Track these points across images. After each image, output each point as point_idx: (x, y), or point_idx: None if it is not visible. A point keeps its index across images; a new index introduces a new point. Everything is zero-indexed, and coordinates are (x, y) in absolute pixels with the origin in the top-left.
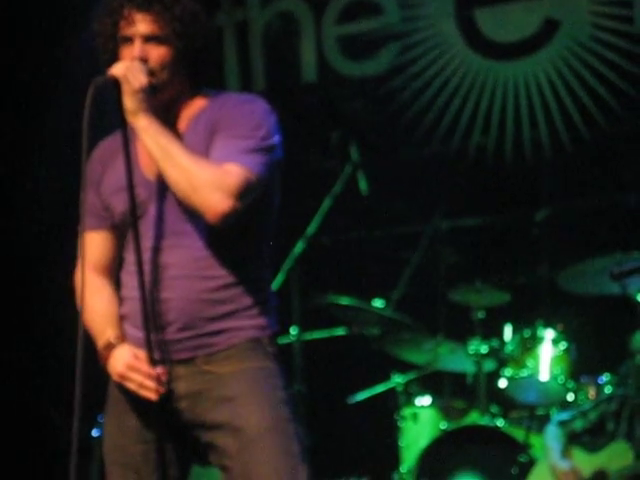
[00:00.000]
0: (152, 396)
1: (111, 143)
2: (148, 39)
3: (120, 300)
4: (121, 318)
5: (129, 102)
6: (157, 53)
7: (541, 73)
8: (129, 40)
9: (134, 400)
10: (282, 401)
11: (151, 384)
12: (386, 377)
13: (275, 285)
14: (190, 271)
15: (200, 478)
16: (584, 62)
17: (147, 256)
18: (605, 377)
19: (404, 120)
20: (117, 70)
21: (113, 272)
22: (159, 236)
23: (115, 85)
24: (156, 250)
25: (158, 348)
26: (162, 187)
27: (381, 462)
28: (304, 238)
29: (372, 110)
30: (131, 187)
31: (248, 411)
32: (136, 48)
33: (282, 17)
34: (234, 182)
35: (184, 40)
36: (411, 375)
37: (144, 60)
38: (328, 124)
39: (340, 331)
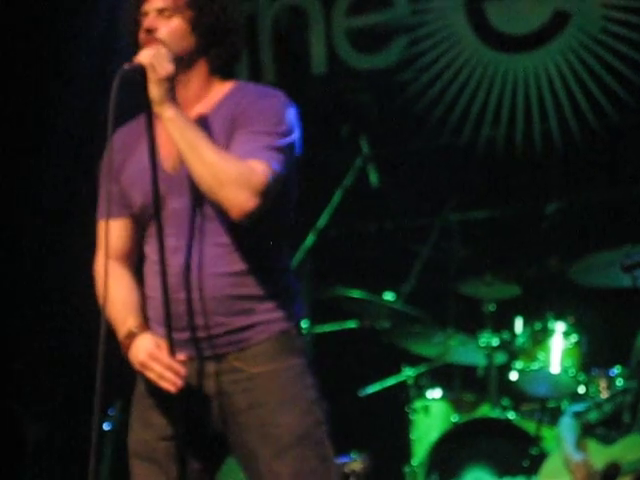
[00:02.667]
0: (171, 388)
1: (132, 131)
2: (162, 11)
3: (144, 298)
4: (146, 317)
5: (155, 91)
6: (168, 24)
7: (551, 65)
8: (146, 15)
9: (159, 396)
10: (312, 403)
11: (171, 376)
12: (397, 370)
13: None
14: (215, 269)
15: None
16: (594, 54)
17: (169, 255)
18: (616, 369)
19: (414, 113)
20: (143, 58)
21: (133, 260)
22: (180, 234)
23: (141, 73)
24: (178, 249)
25: (190, 347)
26: (181, 181)
27: (392, 455)
28: (315, 231)
29: (382, 103)
30: (155, 184)
31: (280, 418)
32: (148, 20)
33: (291, 10)
34: (260, 180)
35: (195, 11)
36: (422, 368)
37: (153, 29)
38: (338, 117)
39: (351, 324)
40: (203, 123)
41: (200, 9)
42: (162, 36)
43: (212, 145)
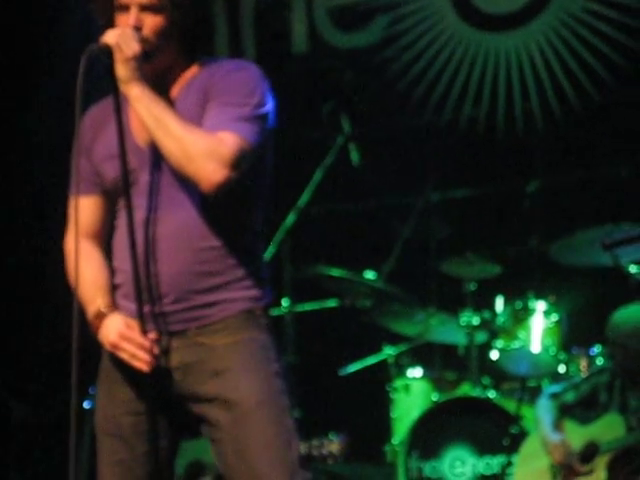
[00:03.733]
0: (144, 367)
1: (102, 109)
2: (144, 8)
3: (112, 271)
4: (114, 289)
5: (122, 70)
6: (152, 22)
7: (533, 45)
8: (126, 8)
9: (126, 371)
10: (274, 374)
11: (143, 355)
12: (378, 349)
13: (266, 257)
14: (183, 243)
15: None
16: (576, 33)
17: (138, 228)
18: (596, 348)
19: (395, 91)
20: (110, 38)
21: (103, 238)
22: (151, 207)
23: (108, 53)
24: (148, 221)
25: (151, 320)
26: (154, 155)
27: (373, 434)
28: (295, 209)
29: (363, 81)
30: (123, 156)
31: (240, 384)
32: (131, 16)
33: None
34: (229, 151)
35: (180, 10)
36: (403, 347)
37: (139, 28)
38: (319, 96)
39: (331, 303)
40: (178, 101)
41: (182, 7)
42: (147, 35)
43: (179, 120)
